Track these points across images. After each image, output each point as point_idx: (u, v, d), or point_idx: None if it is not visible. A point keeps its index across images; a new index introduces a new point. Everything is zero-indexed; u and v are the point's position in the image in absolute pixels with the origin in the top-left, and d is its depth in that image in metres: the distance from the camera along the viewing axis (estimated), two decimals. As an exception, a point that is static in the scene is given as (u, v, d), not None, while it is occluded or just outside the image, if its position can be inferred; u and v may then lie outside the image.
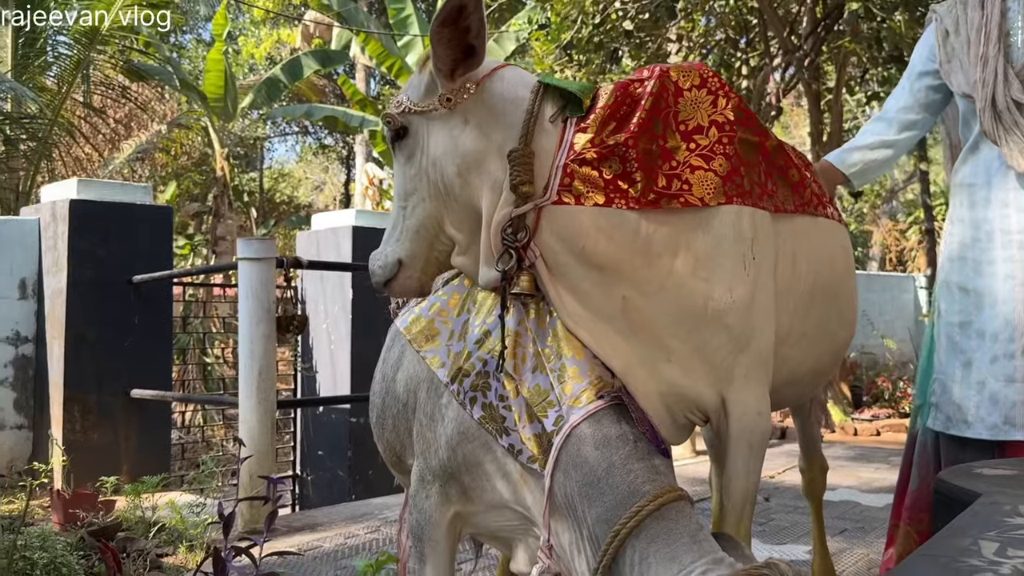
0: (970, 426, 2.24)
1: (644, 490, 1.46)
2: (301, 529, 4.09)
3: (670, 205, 1.58)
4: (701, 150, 1.62)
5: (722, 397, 1.66)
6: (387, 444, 2.12)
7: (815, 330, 1.93)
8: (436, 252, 1.72)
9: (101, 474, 4.69)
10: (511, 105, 1.63)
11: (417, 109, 1.67)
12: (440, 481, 1.74)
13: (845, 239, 2.12)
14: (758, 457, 1.73)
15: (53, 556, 2.80)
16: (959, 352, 2.30)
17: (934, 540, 1.27)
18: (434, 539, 1.78)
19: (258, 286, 4.11)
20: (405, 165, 1.71)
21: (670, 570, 1.35)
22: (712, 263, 1.61)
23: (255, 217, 20.62)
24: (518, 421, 1.63)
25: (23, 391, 5.38)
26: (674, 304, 1.60)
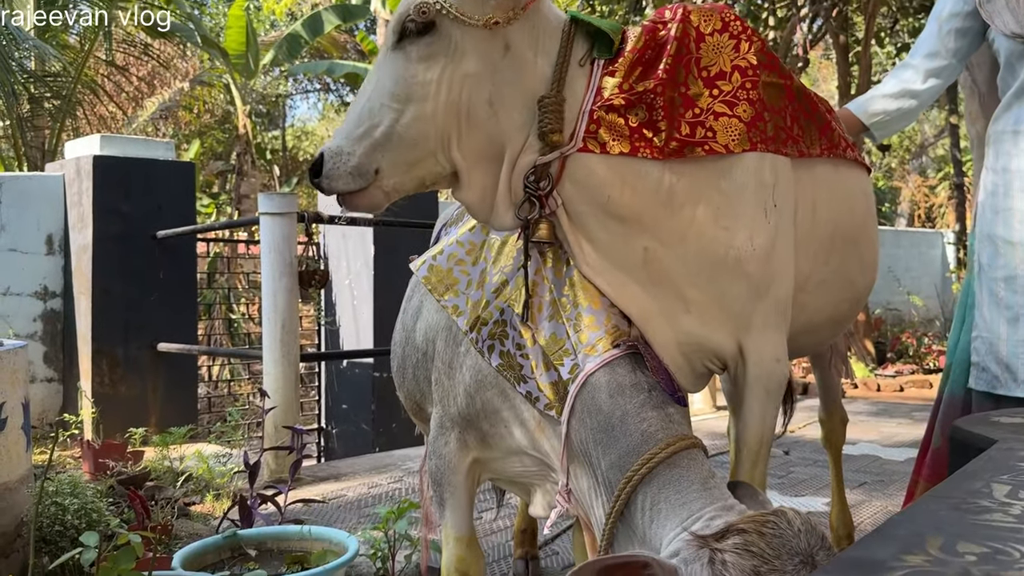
0: (1020, 384, 2.14)
1: (657, 438, 1.47)
2: (325, 479, 4.16)
3: (694, 153, 1.56)
4: (724, 96, 1.60)
5: (740, 344, 1.67)
6: (408, 393, 2.15)
7: (834, 277, 1.92)
8: (423, 172, 1.56)
9: (129, 426, 4.79)
10: (550, 41, 1.57)
11: (459, 16, 1.51)
12: (459, 428, 1.77)
13: (866, 184, 2.10)
14: (774, 403, 1.74)
15: (84, 502, 2.88)
16: (1005, 308, 2.20)
17: (946, 483, 1.27)
18: (453, 484, 1.81)
19: (280, 241, 4.14)
20: (418, 64, 1.52)
21: (679, 515, 1.37)
22: (733, 212, 1.60)
23: (278, 175, 20.68)
24: (535, 369, 1.64)
25: (52, 345, 5.48)
26: (695, 254, 1.59)
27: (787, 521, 1.25)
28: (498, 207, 1.59)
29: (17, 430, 2.93)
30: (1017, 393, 2.13)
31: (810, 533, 1.25)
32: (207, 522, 3.56)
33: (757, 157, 1.62)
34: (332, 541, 2.91)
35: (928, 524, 1.05)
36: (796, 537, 1.23)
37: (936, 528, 1.03)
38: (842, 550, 2.72)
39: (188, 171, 5.80)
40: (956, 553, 0.93)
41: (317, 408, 6.48)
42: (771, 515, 1.26)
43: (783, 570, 1.19)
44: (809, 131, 1.79)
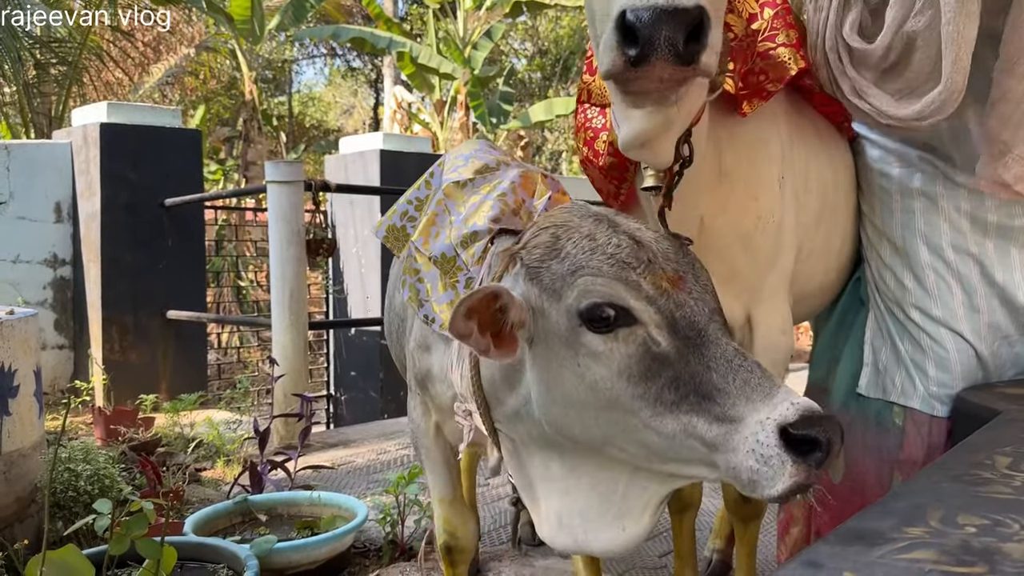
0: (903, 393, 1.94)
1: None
2: (335, 445, 4.21)
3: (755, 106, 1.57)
4: (763, 35, 1.60)
5: (748, 314, 1.68)
6: (396, 357, 2.17)
7: (823, 245, 1.93)
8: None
9: (139, 393, 4.84)
10: None
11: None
12: (419, 391, 1.78)
13: (849, 156, 2.08)
14: (780, 373, 1.75)
15: (96, 468, 2.92)
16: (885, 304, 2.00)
17: (949, 454, 1.28)
18: (426, 447, 1.83)
19: (287, 209, 4.14)
20: None
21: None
22: (759, 182, 1.61)
23: (284, 142, 20.61)
24: (430, 292, 1.62)
25: (63, 312, 5.52)
26: (731, 226, 1.61)
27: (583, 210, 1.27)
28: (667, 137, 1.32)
29: (29, 397, 2.97)
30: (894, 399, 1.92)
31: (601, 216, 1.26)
32: (218, 487, 3.61)
33: (767, 128, 1.62)
34: (342, 506, 2.96)
35: (929, 496, 1.06)
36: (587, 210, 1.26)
37: (937, 500, 1.04)
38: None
39: (195, 138, 5.79)
40: (956, 525, 0.95)
41: (325, 375, 6.53)
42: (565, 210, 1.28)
43: (578, 227, 1.20)
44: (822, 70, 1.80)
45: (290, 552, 2.54)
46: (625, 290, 1.12)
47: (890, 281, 1.91)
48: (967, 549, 0.87)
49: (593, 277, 1.13)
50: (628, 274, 1.13)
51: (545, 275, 1.17)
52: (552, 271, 1.17)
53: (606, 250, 1.15)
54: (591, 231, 1.18)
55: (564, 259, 1.16)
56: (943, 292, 1.82)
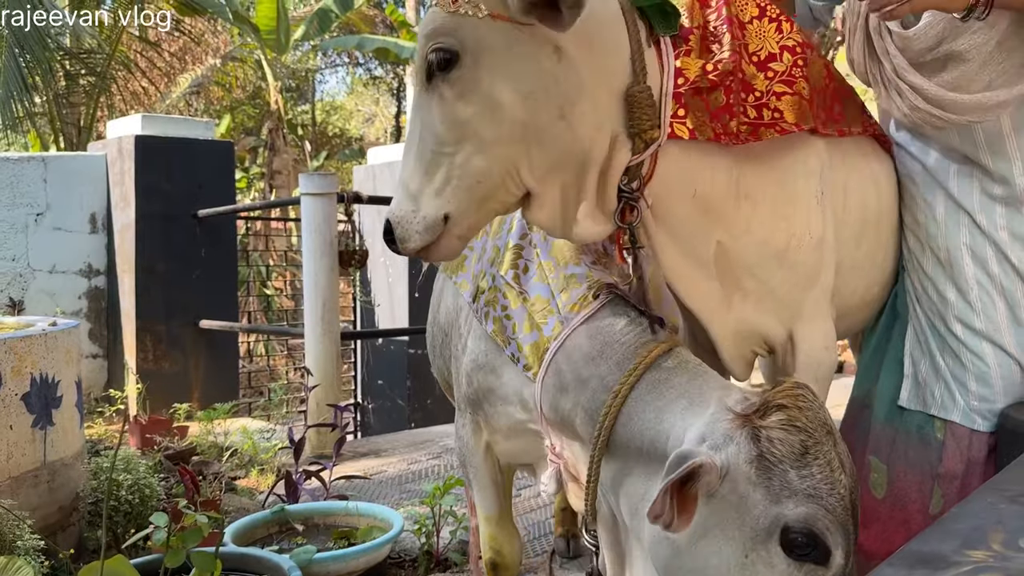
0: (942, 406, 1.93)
1: (638, 352, 1.42)
2: (366, 454, 4.24)
3: (767, 135, 1.54)
4: (780, 77, 1.59)
5: (790, 332, 1.68)
6: (439, 372, 2.20)
7: (865, 260, 1.93)
8: (494, 204, 1.42)
9: (172, 401, 4.90)
10: (605, 27, 1.39)
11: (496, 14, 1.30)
12: (470, 410, 1.79)
13: (891, 167, 2.08)
14: (823, 390, 1.76)
15: (137, 478, 2.96)
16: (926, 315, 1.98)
17: (1003, 473, 1.28)
18: (474, 465, 1.84)
19: (320, 221, 4.19)
20: (456, 103, 1.34)
21: (678, 407, 1.32)
22: (790, 201, 1.61)
23: (309, 151, 20.78)
24: (516, 330, 1.61)
25: (97, 322, 5.60)
26: (757, 245, 1.61)
27: (811, 392, 1.24)
28: (582, 217, 1.44)
29: (71, 407, 3.03)
30: (934, 412, 1.92)
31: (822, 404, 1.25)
32: (253, 496, 3.65)
33: (804, 145, 1.63)
34: (377, 517, 2.98)
35: (988, 518, 1.07)
36: (821, 408, 1.23)
37: (997, 522, 1.05)
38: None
39: (227, 150, 5.87)
40: (1018, 548, 0.95)
41: (353, 384, 6.58)
42: (798, 388, 1.23)
43: (824, 442, 1.19)
44: (849, 109, 1.79)
45: (328, 562, 2.57)
46: (841, 539, 1.17)
47: (932, 293, 1.91)
48: (1033, 574, 0.88)
49: (826, 513, 1.16)
50: (848, 523, 1.18)
51: (777, 476, 1.17)
52: (788, 479, 1.17)
53: (838, 489, 1.17)
54: (830, 460, 1.19)
55: (805, 478, 1.17)
56: (987, 305, 1.82)
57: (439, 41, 1.33)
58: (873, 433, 2.03)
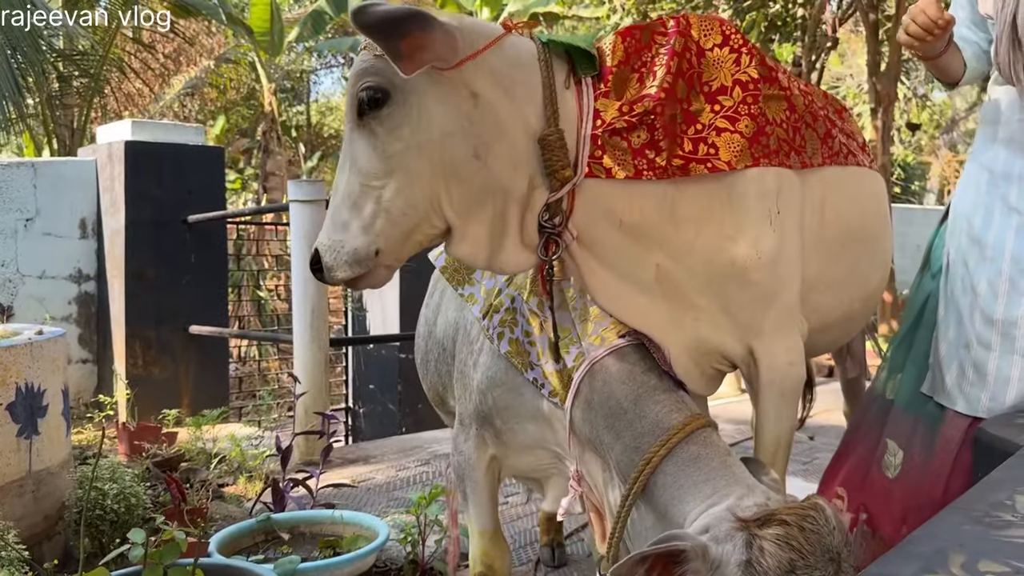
0: (944, 393, 2.02)
1: (672, 419, 1.50)
2: (354, 461, 4.24)
3: (698, 171, 1.56)
4: (726, 111, 1.60)
5: (750, 349, 1.69)
6: (430, 385, 2.21)
7: (846, 275, 1.94)
8: (419, 237, 1.51)
9: (162, 407, 4.89)
10: (519, 74, 1.49)
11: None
12: (476, 425, 1.82)
13: (877, 185, 2.09)
14: (790, 404, 1.76)
15: (122, 487, 2.96)
16: (956, 310, 2.04)
17: (970, 493, 1.29)
18: (474, 480, 1.86)
19: (310, 228, 4.19)
20: (385, 139, 1.45)
21: (703, 492, 1.38)
22: (737, 222, 1.61)
23: (303, 152, 20.76)
24: (540, 356, 1.67)
25: (87, 327, 5.59)
26: (703, 265, 1.61)
27: (825, 517, 1.27)
28: (506, 250, 1.54)
29: (57, 416, 3.02)
30: (942, 400, 2.02)
31: (840, 530, 1.27)
32: (240, 504, 3.65)
33: (759, 168, 1.63)
34: (363, 526, 2.98)
35: (950, 540, 1.07)
36: (830, 534, 1.25)
37: (959, 544, 1.05)
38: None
39: (217, 156, 5.87)
40: (978, 572, 0.96)
41: (344, 388, 6.58)
42: (811, 509, 1.27)
43: (815, 566, 1.21)
44: (811, 141, 1.79)
45: (313, 572, 2.57)
46: None
47: (967, 287, 1.98)
48: (988, 600, 0.88)
49: None
50: None
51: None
52: None
53: None
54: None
55: None
56: (1012, 300, 1.89)
57: (369, 80, 1.43)
58: (892, 418, 2.15)
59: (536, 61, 1.51)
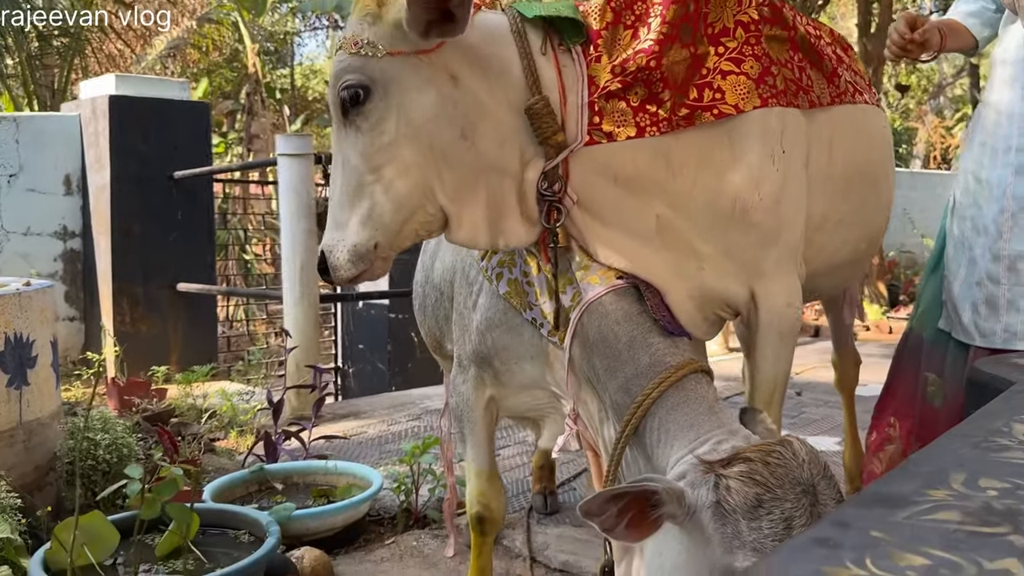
0: (961, 329, 2.09)
1: (666, 362, 1.51)
2: (346, 416, 4.25)
3: (703, 119, 1.55)
4: (730, 53, 1.59)
5: (752, 291, 1.69)
6: (428, 330, 2.21)
7: (853, 216, 1.94)
8: (415, 227, 1.54)
9: (150, 364, 4.88)
10: (494, 48, 1.52)
11: (393, 51, 1.45)
12: (475, 366, 1.82)
13: (882, 121, 2.10)
14: (788, 347, 1.77)
15: (114, 437, 2.96)
16: (967, 248, 2.10)
17: (967, 422, 1.30)
18: (472, 420, 1.87)
19: (298, 182, 4.15)
20: (371, 134, 1.47)
21: (687, 437, 1.40)
22: (737, 165, 1.60)
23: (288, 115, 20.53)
24: (539, 296, 1.67)
25: (73, 284, 5.55)
26: (703, 211, 1.61)
27: (792, 451, 1.27)
28: (507, 228, 1.57)
29: (47, 368, 3.01)
30: (960, 337, 2.09)
31: (813, 463, 1.27)
32: (232, 457, 3.66)
33: (762, 109, 1.62)
34: (357, 475, 3.00)
35: (951, 461, 1.08)
36: (800, 467, 1.25)
37: (959, 465, 1.07)
38: (856, 489, 2.77)
39: (203, 111, 5.79)
40: (978, 488, 0.97)
41: (333, 348, 6.57)
42: (777, 445, 1.28)
43: (784, 499, 1.22)
44: (818, 81, 1.79)
45: (307, 519, 2.58)
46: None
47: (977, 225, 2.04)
48: (989, 510, 0.90)
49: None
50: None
51: (731, 525, 1.21)
52: (739, 530, 1.21)
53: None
54: (790, 515, 1.21)
55: (754, 531, 1.20)
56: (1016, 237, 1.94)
57: (347, 79, 1.46)
58: (925, 353, 2.25)
59: (510, 34, 1.53)
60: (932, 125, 19.11)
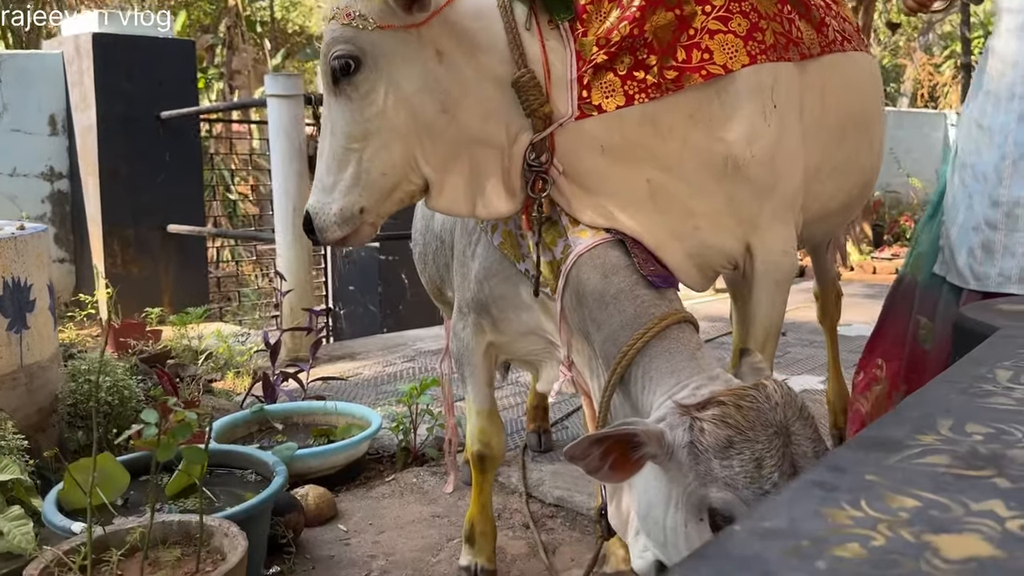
0: (956, 274, 2.14)
1: (650, 312, 1.56)
2: (341, 358, 4.31)
3: (692, 81, 1.57)
4: (717, 12, 1.60)
5: (747, 243, 1.73)
6: (429, 278, 2.25)
7: (846, 162, 1.98)
8: (400, 194, 1.60)
9: (143, 306, 4.90)
10: (480, 24, 1.56)
11: (383, 24, 1.50)
12: (474, 312, 1.88)
13: (872, 67, 2.12)
14: (782, 292, 1.82)
15: (115, 380, 3.00)
16: (967, 195, 2.12)
17: (953, 368, 1.36)
18: (472, 363, 1.94)
19: (288, 124, 4.13)
20: (360, 103, 1.53)
21: (668, 383, 1.47)
22: (728, 123, 1.62)
23: (268, 49, 20.11)
24: (532, 249, 1.71)
25: (62, 226, 5.53)
26: (695, 172, 1.64)
27: (766, 395, 1.33)
28: (492, 198, 1.62)
29: (45, 311, 3.03)
30: (955, 281, 2.14)
31: (788, 405, 1.33)
32: (230, 398, 3.72)
33: (751, 67, 1.64)
34: (356, 416, 3.07)
35: (938, 407, 1.14)
36: (772, 410, 1.31)
37: (946, 411, 1.13)
38: (840, 425, 2.85)
39: (188, 49, 5.70)
40: (964, 433, 1.03)
41: (324, 290, 6.60)
42: (751, 389, 1.34)
43: (755, 440, 1.28)
44: (807, 32, 1.80)
45: (309, 458, 2.66)
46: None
47: (977, 173, 2.05)
48: (975, 455, 0.96)
49: (742, 503, 1.27)
50: None
51: (703, 463, 1.28)
52: (711, 467, 1.27)
53: (760, 484, 1.26)
54: (760, 455, 1.26)
55: (725, 468, 1.27)
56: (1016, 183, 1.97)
57: (339, 49, 1.51)
58: (919, 297, 2.30)
59: (496, 9, 1.56)
60: (920, 62, 18.99)
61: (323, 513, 2.47)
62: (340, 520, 2.49)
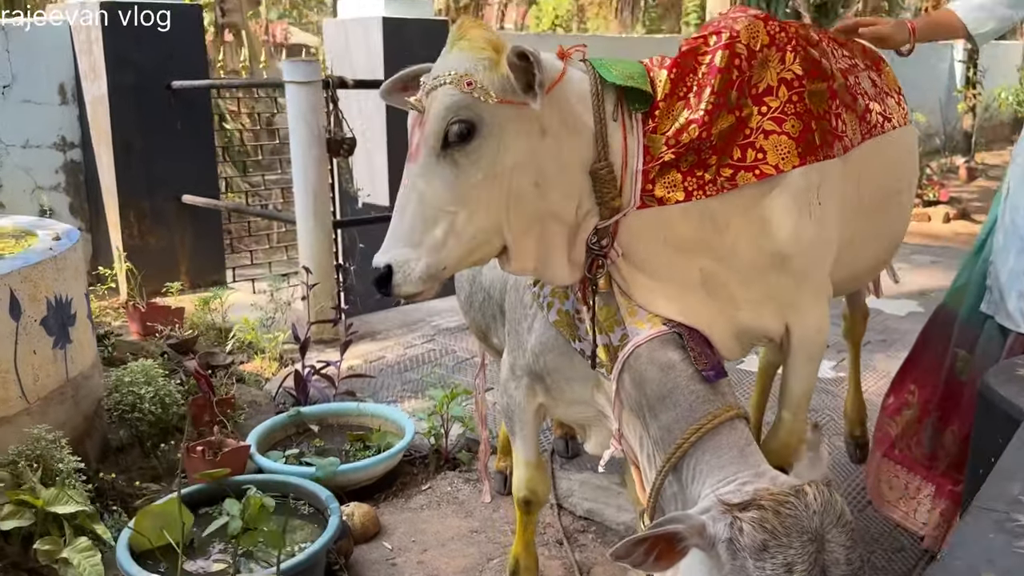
0: (1008, 316, 2.19)
1: (704, 409, 1.66)
2: (363, 337, 4.40)
3: (746, 179, 1.64)
4: (773, 113, 1.66)
5: (786, 323, 1.83)
6: (473, 321, 2.35)
7: (880, 231, 2.07)
8: (479, 256, 1.65)
9: (162, 277, 4.98)
10: (580, 108, 1.60)
11: (503, 100, 1.53)
12: (528, 377, 1.98)
13: (909, 139, 2.18)
14: (815, 364, 1.94)
15: (157, 388, 3.11)
16: (1019, 238, 2.15)
17: (987, 486, 1.46)
18: (523, 421, 2.06)
19: (307, 110, 4.13)
20: (467, 170, 1.55)
21: (716, 477, 1.57)
22: (779, 221, 1.70)
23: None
24: (588, 332, 1.81)
25: (76, 196, 5.53)
26: (746, 263, 1.72)
27: (805, 502, 1.43)
28: (554, 267, 1.68)
29: (84, 320, 3.11)
30: (1004, 323, 2.20)
31: (826, 512, 1.43)
32: (260, 386, 3.83)
33: (802, 168, 1.70)
34: (387, 418, 3.21)
35: (980, 556, 1.25)
36: (810, 518, 1.42)
37: (988, 561, 1.23)
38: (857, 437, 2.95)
39: (196, 16, 5.59)
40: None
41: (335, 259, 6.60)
42: (792, 494, 1.44)
43: (788, 545, 1.39)
44: (851, 123, 1.86)
45: (351, 473, 2.80)
46: None
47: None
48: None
49: None
50: None
51: (740, 561, 1.38)
52: (746, 567, 1.37)
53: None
54: (792, 560, 1.36)
55: (758, 569, 1.36)
56: None
57: (460, 115, 1.53)
58: (958, 329, 2.37)
59: (590, 95, 1.60)
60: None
61: (368, 531, 2.61)
62: (384, 536, 2.64)
